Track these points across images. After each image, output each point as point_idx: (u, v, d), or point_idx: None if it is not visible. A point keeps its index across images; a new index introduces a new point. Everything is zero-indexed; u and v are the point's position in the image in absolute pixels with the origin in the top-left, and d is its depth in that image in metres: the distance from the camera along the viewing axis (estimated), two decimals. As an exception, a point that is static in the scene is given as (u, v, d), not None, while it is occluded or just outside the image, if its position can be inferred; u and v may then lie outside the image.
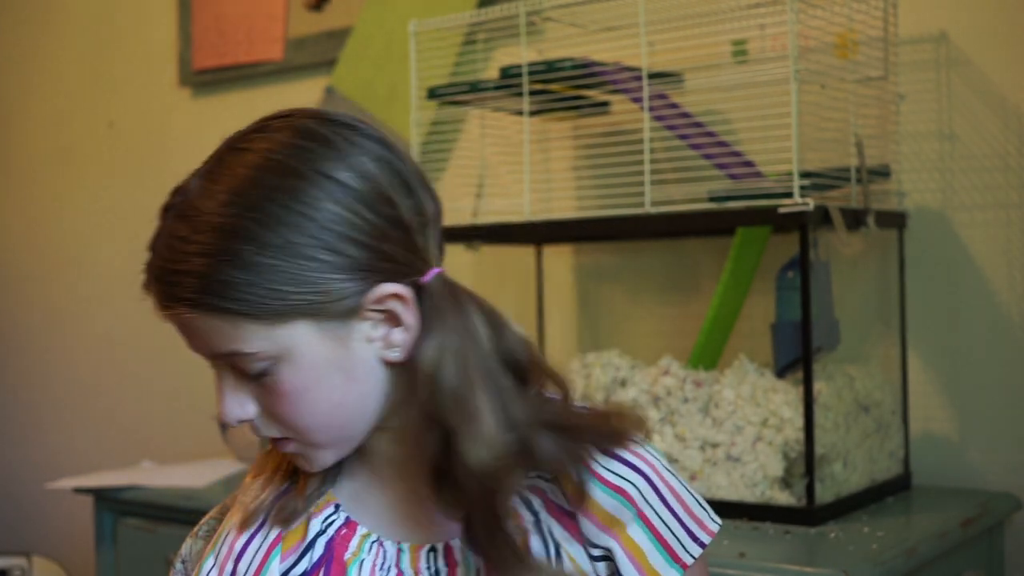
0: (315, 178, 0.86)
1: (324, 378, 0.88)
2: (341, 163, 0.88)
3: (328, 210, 0.85)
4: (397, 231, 0.88)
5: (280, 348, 0.86)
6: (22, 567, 2.76)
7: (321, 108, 0.92)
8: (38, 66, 3.19)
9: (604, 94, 1.90)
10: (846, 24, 1.71)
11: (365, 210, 0.87)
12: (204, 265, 0.85)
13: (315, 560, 0.95)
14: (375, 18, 2.41)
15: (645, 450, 0.96)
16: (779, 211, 1.55)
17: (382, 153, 0.90)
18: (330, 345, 0.88)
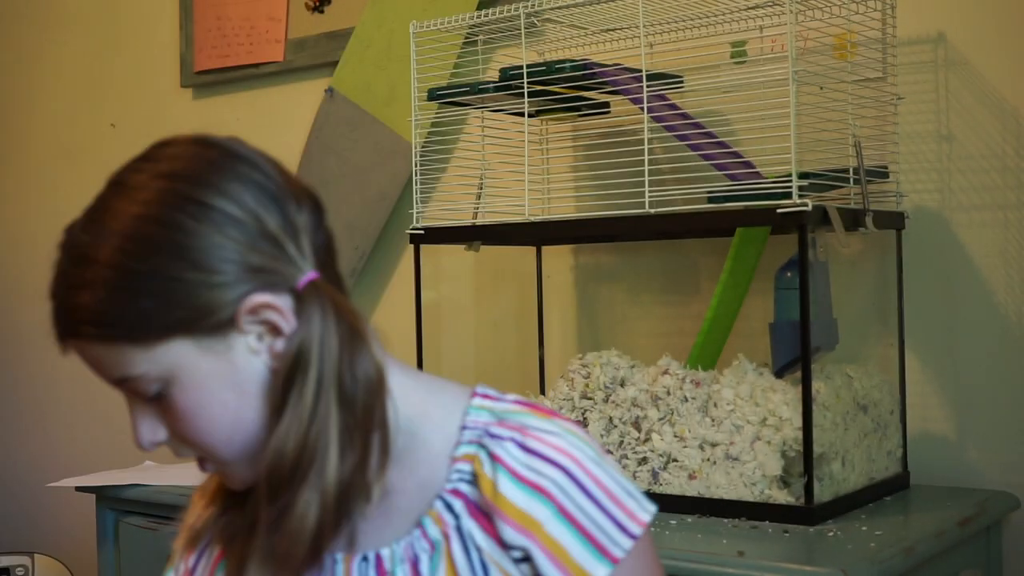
0: (183, 205, 0.88)
1: (215, 395, 0.90)
2: (209, 189, 0.89)
3: (195, 233, 0.87)
4: (266, 243, 0.89)
5: (164, 369, 0.89)
6: (24, 566, 2.76)
7: (197, 133, 0.94)
8: (40, 67, 3.20)
9: (604, 95, 1.91)
10: (844, 25, 1.72)
11: (232, 229, 0.88)
12: (78, 295, 0.88)
13: None
14: (376, 19, 2.41)
15: (568, 441, 0.95)
16: (778, 211, 1.55)
17: (249, 173, 0.91)
18: (213, 361, 0.90)
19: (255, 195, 0.90)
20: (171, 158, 0.91)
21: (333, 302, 0.91)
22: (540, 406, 1.00)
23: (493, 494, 0.93)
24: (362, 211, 2.42)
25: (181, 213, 0.87)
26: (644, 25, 1.71)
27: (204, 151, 0.91)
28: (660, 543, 1.45)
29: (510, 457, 0.94)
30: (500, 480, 0.93)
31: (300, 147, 2.53)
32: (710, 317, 1.76)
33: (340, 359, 0.89)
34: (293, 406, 0.88)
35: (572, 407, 1.76)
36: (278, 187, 0.92)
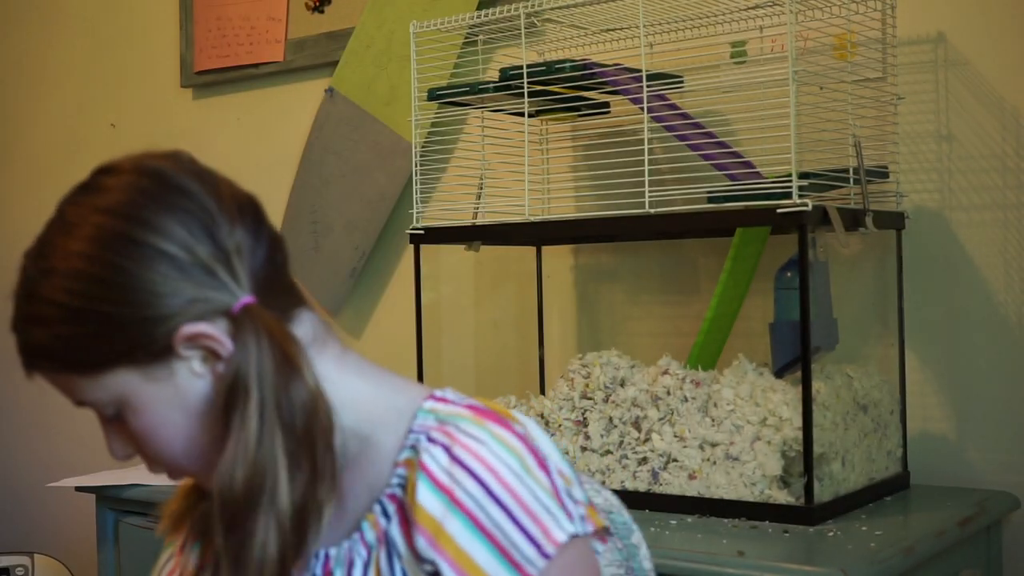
0: (116, 245, 0.91)
1: (166, 417, 0.93)
2: (141, 226, 0.91)
3: (128, 272, 0.90)
4: (198, 273, 0.91)
5: (114, 395, 0.93)
6: (24, 566, 2.76)
7: (137, 157, 0.97)
8: (41, 68, 3.20)
9: (604, 95, 1.91)
10: (844, 25, 1.72)
11: (163, 264, 0.90)
12: (31, 331, 0.93)
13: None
14: (376, 19, 2.41)
15: (493, 452, 0.92)
16: (778, 212, 1.55)
17: (181, 203, 0.94)
18: (158, 386, 0.93)
19: (187, 226, 0.92)
20: (107, 190, 0.94)
21: (266, 328, 0.92)
22: (492, 412, 0.96)
23: (412, 501, 0.92)
24: (362, 211, 2.42)
25: (114, 253, 0.90)
26: (644, 25, 1.71)
27: (139, 181, 0.94)
28: (660, 543, 1.45)
29: (434, 463, 0.92)
30: (420, 486, 0.91)
31: (300, 147, 2.53)
32: (710, 317, 1.76)
33: (276, 384, 0.90)
34: (236, 431, 0.89)
35: (572, 407, 1.76)
36: (210, 214, 0.94)
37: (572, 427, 1.75)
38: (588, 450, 1.72)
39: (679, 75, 1.82)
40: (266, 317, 0.92)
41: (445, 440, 0.93)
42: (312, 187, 2.51)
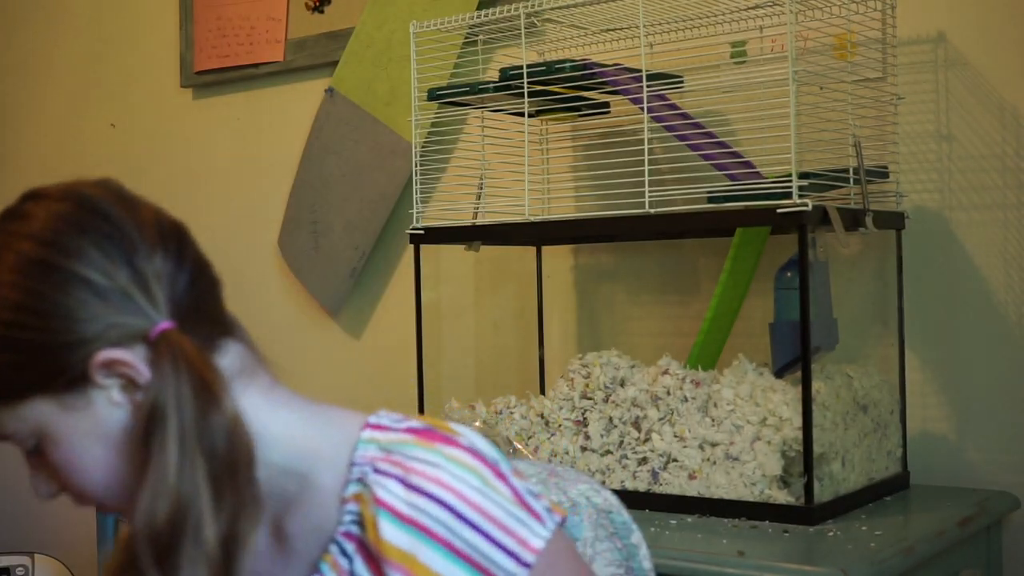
0: (33, 271, 0.90)
1: (85, 449, 0.91)
2: (59, 252, 0.90)
3: (44, 297, 0.89)
4: (115, 298, 0.90)
5: (32, 427, 0.91)
6: (24, 566, 2.76)
7: (64, 185, 0.96)
8: (40, 68, 3.20)
9: (604, 95, 1.91)
10: (844, 25, 1.72)
11: (79, 290, 0.89)
12: None
13: None
14: (376, 19, 2.41)
15: (450, 473, 0.90)
16: (778, 212, 1.55)
17: (101, 227, 0.92)
18: (76, 416, 0.91)
19: (105, 251, 0.91)
20: (31, 217, 0.92)
21: (184, 354, 0.89)
22: (435, 431, 0.94)
23: (376, 538, 0.90)
24: (362, 211, 2.42)
25: (34, 280, 0.89)
26: (644, 25, 1.71)
27: (60, 207, 0.92)
28: (660, 543, 1.45)
29: (391, 496, 0.90)
30: (381, 523, 0.89)
31: (300, 147, 2.53)
32: (710, 317, 1.76)
33: (195, 412, 0.88)
34: (156, 461, 0.87)
35: (572, 407, 1.76)
36: (131, 240, 0.92)
37: (572, 427, 1.75)
38: (588, 450, 1.72)
39: (679, 75, 1.82)
40: (184, 343, 0.90)
41: (397, 471, 0.91)
42: (312, 187, 2.51)
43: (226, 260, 3.14)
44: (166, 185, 2.90)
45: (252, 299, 2.69)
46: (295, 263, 2.55)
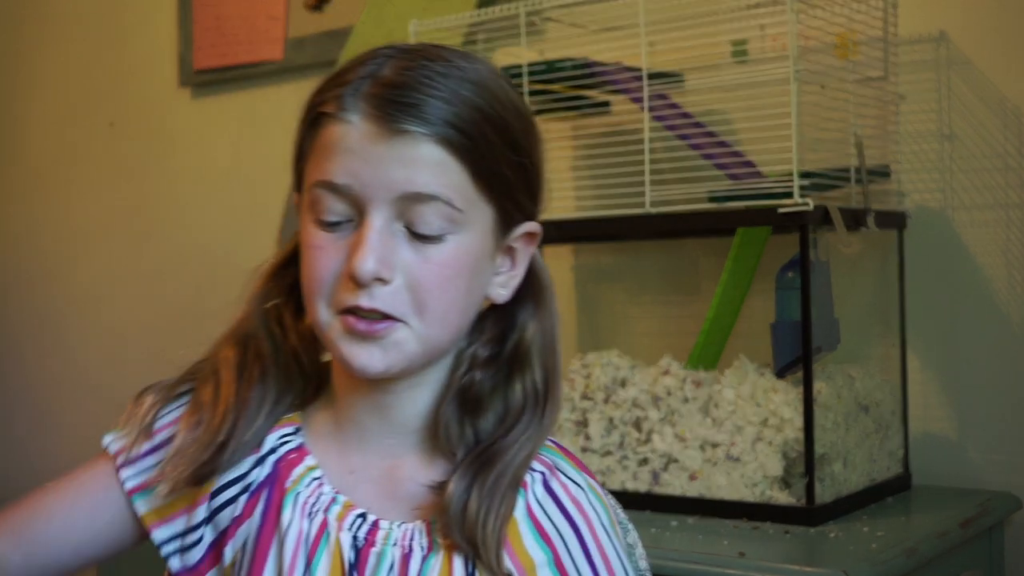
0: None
1: (471, 271, 0.91)
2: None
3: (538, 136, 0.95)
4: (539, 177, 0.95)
5: (467, 221, 0.89)
6: (23, 567, 2.76)
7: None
8: (39, 66, 3.19)
9: (604, 94, 1.90)
10: (846, 24, 1.71)
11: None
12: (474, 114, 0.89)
13: (262, 478, 0.94)
14: (375, 18, 2.41)
15: (588, 500, 0.94)
16: (779, 211, 1.55)
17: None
18: (487, 248, 0.92)
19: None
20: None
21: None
22: (571, 453, 0.99)
23: (514, 534, 0.91)
24: (361, 211, 2.42)
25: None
26: (645, 24, 1.70)
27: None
28: (661, 544, 1.45)
29: (531, 492, 0.92)
30: (518, 508, 0.91)
31: (299, 146, 2.53)
32: (711, 317, 1.75)
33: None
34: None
35: (572, 407, 1.75)
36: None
37: (572, 427, 1.74)
38: (588, 450, 1.71)
39: (680, 74, 1.82)
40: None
41: (544, 471, 0.94)
42: (311, 186, 2.51)
43: (225, 260, 3.16)
44: (165, 184, 2.89)
45: (251, 299, 2.68)
46: (294, 263, 2.54)
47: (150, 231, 2.92)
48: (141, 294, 2.94)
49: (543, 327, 0.98)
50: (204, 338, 3.03)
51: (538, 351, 0.96)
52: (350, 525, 0.91)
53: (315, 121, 0.90)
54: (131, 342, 2.95)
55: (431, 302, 0.88)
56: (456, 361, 0.96)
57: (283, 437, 0.96)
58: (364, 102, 0.87)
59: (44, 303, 3.19)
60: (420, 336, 0.89)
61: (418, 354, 0.90)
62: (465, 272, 0.90)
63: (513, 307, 0.97)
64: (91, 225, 3.05)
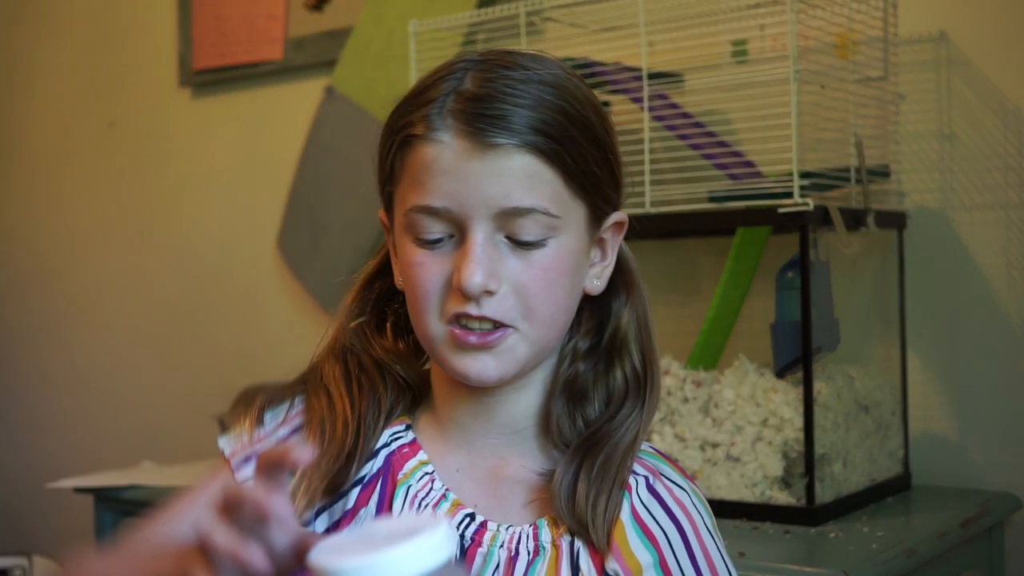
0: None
1: (572, 270, 0.93)
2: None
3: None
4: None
5: (564, 223, 0.91)
6: (23, 566, 2.76)
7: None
8: (38, 67, 3.19)
9: (604, 94, 1.90)
10: (846, 24, 1.71)
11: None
12: (566, 123, 0.90)
13: (374, 470, 0.96)
14: (375, 18, 2.41)
15: (692, 502, 0.96)
16: (779, 211, 1.55)
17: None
18: (584, 244, 0.94)
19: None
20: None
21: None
22: (672, 459, 1.01)
23: (615, 520, 0.92)
24: (362, 210, 2.41)
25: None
26: (645, 24, 1.70)
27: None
28: (661, 544, 1.44)
29: (635, 494, 0.94)
30: (624, 510, 0.92)
31: (299, 146, 2.53)
32: (711, 317, 1.75)
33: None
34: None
35: (572, 407, 1.75)
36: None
37: (572, 428, 1.74)
38: (588, 451, 1.71)
39: (680, 74, 1.82)
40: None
41: (647, 474, 0.96)
42: (311, 187, 2.51)
43: (225, 260, 3.15)
44: (164, 184, 2.89)
45: (251, 299, 2.68)
46: (295, 263, 2.54)
47: (149, 231, 2.92)
48: (140, 294, 2.94)
49: (636, 313, 1.00)
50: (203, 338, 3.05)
51: (634, 336, 0.99)
52: (458, 523, 0.93)
53: (404, 143, 0.91)
54: (130, 342, 2.95)
55: (538, 305, 0.90)
56: (559, 356, 0.98)
57: (395, 434, 0.98)
58: (453, 119, 0.88)
59: (43, 303, 3.19)
60: (530, 339, 0.91)
61: (530, 357, 0.92)
62: (567, 272, 0.92)
63: (606, 297, 0.99)
64: (90, 225, 3.05)
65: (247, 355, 2.68)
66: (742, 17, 1.81)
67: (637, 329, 1.00)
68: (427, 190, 0.89)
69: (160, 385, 2.87)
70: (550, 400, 0.97)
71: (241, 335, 2.71)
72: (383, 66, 2.39)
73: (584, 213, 0.93)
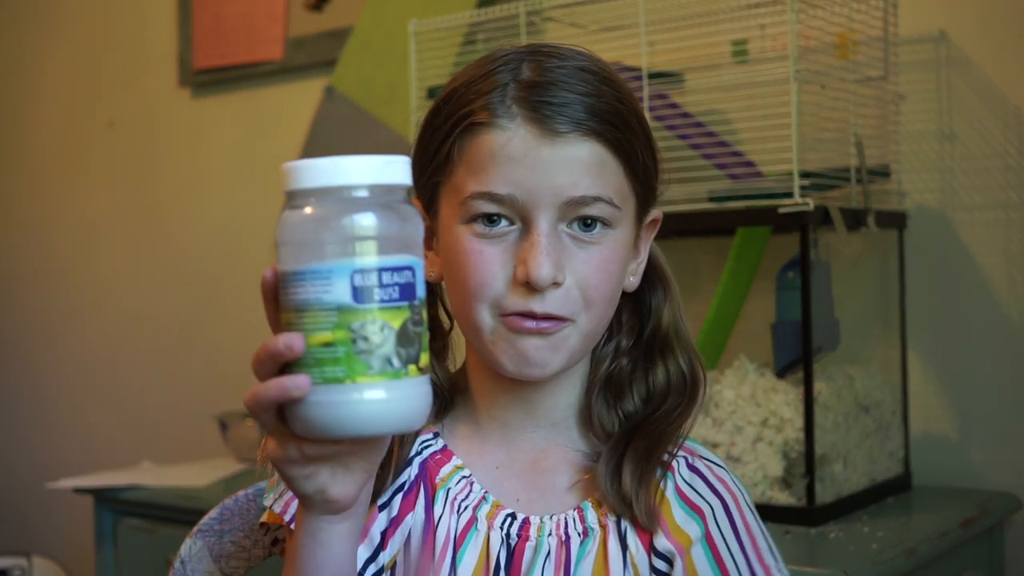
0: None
1: (624, 263, 0.93)
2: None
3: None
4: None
5: (621, 216, 0.91)
6: (22, 567, 2.76)
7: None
8: (38, 67, 3.19)
9: (604, 94, 1.90)
10: (846, 24, 1.71)
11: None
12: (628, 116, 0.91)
13: (412, 477, 0.96)
14: (375, 18, 2.40)
15: (731, 478, 0.97)
16: (779, 211, 1.55)
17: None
18: (632, 239, 0.94)
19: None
20: None
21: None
22: (704, 448, 1.02)
23: (660, 498, 0.93)
24: (361, 211, 2.42)
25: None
26: (645, 24, 1.70)
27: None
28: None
29: (677, 474, 0.95)
30: (668, 489, 0.94)
31: (299, 146, 2.52)
32: (711, 317, 1.75)
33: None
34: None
35: (572, 407, 1.75)
36: None
37: (572, 428, 1.74)
38: (588, 451, 1.71)
39: (680, 74, 1.82)
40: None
41: (685, 455, 0.96)
42: (311, 186, 2.50)
43: (225, 260, 3.15)
44: (165, 184, 2.89)
45: (251, 299, 2.68)
46: (294, 263, 2.53)
47: (149, 231, 2.92)
48: (139, 294, 2.93)
49: (674, 310, 0.99)
50: (203, 338, 3.05)
51: (676, 335, 0.98)
52: (500, 524, 0.93)
53: (465, 131, 0.90)
54: (129, 342, 2.95)
55: (598, 299, 0.91)
56: (598, 353, 0.98)
57: (424, 442, 0.98)
58: (517, 106, 0.88)
59: (42, 303, 3.19)
60: (584, 332, 0.91)
61: (580, 349, 0.92)
62: (620, 265, 0.92)
63: (642, 294, 0.99)
64: (90, 225, 3.05)
65: (247, 355, 2.67)
66: (742, 17, 1.81)
67: (676, 326, 0.99)
68: (491, 177, 0.88)
69: (160, 385, 2.87)
70: (590, 394, 0.97)
71: (241, 335, 2.70)
72: (383, 66, 2.39)
73: (634, 206, 0.93)
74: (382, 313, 0.71)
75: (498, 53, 0.93)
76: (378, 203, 0.72)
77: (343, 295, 0.71)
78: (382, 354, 0.71)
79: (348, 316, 0.71)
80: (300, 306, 0.73)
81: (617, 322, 0.99)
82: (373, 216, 0.72)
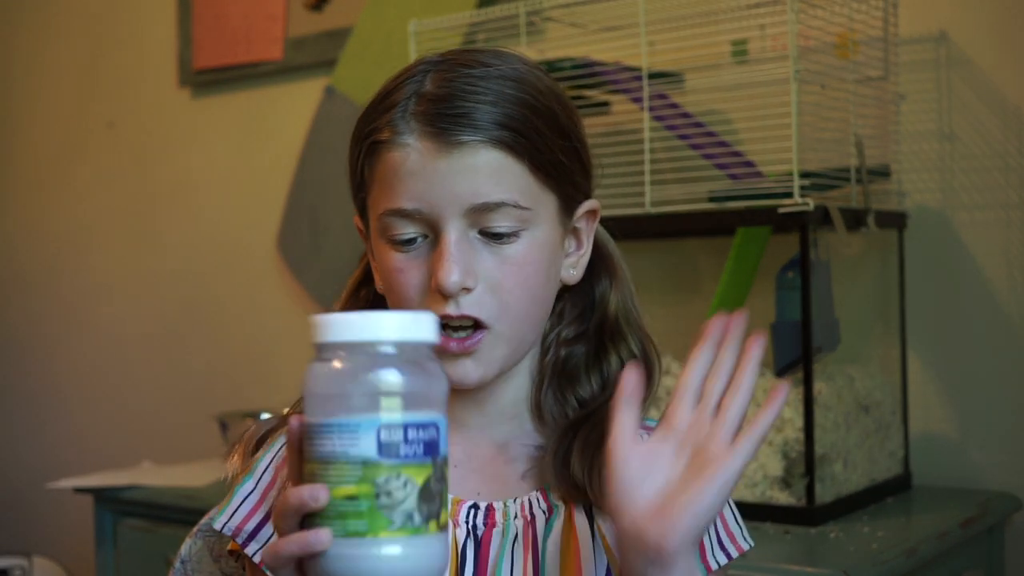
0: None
1: (547, 262, 0.94)
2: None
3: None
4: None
5: (536, 215, 0.92)
6: (22, 567, 2.76)
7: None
8: (38, 67, 3.19)
9: (604, 94, 1.90)
10: (846, 24, 1.71)
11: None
12: (531, 113, 0.91)
13: None
14: (375, 18, 2.40)
15: None
16: (779, 211, 1.55)
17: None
18: (557, 235, 0.95)
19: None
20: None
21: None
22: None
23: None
24: (361, 211, 2.42)
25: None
26: (645, 24, 1.70)
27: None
28: (661, 544, 1.44)
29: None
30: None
31: (299, 146, 2.52)
32: (711, 317, 1.75)
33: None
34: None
35: (572, 407, 1.75)
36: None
37: (572, 428, 1.74)
38: (588, 451, 1.71)
39: (680, 74, 1.82)
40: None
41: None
42: (311, 187, 2.50)
43: (225, 260, 3.15)
44: (164, 184, 2.89)
45: (252, 299, 2.68)
46: (295, 263, 2.54)
47: (149, 231, 2.92)
48: (140, 294, 2.93)
49: (623, 296, 1.00)
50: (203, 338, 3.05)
51: (626, 320, 0.99)
52: (465, 518, 0.94)
53: (370, 150, 0.92)
54: (129, 342, 2.95)
55: (513, 301, 0.91)
56: (543, 346, 0.99)
57: None
58: (416, 121, 0.90)
59: (42, 303, 3.19)
60: (506, 338, 0.92)
61: (508, 355, 0.94)
62: (542, 265, 0.93)
63: (588, 284, 1.00)
64: (90, 225, 3.05)
65: (247, 355, 2.68)
66: (742, 17, 1.81)
67: (626, 312, 1.00)
68: (397, 193, 0.90)
69: (160, 385, 2.87)
70: (539, 388, 0.99)
71: (241, 335, 2.70)
72: (383, 66, 2.38)
73: (555, 204, 0.94)
74: (406, 469, 0.72)
75: (414, 64, 0.94)
76: (405, 359, 0.74)
77: (369, 449, 0.72)
78: (404, 510, 0.72)
79: (373, 471, 0.72)
80: (326, 458, 0.73)
81: (559, 315, 1.00)
82: (399, 373, 0.73)
